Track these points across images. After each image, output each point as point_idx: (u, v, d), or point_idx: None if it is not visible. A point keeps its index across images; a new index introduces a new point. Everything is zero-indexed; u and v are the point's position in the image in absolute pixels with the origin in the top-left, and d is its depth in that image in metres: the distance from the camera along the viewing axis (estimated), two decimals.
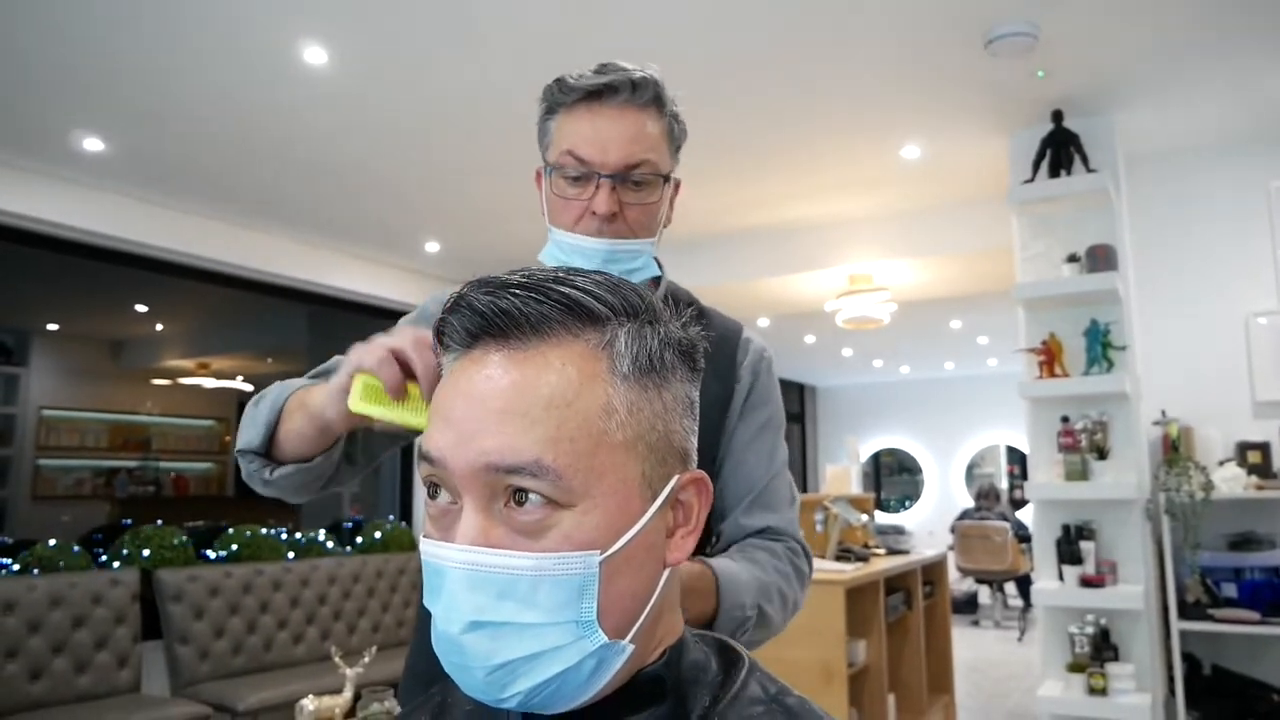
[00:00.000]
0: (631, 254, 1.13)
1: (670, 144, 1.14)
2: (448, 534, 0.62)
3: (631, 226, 1.11)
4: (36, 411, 7.84)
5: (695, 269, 5.56)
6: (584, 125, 1.09)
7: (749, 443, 1.19)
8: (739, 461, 1.18)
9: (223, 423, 9.49)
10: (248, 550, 4.79)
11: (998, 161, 4.15)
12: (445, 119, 3.76)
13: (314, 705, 2.54)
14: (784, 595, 1.11)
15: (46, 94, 3.45)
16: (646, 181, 1.10)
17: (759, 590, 1.06)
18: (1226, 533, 3.65)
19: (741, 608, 1.03)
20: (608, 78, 1.09)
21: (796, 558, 1.17)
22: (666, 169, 1.13)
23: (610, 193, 1.08)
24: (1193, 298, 4.03)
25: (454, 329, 0.64)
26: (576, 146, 1.09)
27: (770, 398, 1.22)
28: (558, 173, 1.11)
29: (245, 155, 4.09)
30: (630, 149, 1.08)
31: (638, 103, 1.10)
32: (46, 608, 3.71)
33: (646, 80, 1.10)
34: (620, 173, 1.08)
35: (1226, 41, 3.20)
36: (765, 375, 1.22)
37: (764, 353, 1.23)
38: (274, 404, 1.08)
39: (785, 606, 1.11)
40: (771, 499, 1.19)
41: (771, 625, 1.09)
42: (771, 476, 1.19)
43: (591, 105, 1.10)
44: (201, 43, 3.09)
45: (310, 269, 5.41)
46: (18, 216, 4.12)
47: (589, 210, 1.09)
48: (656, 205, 1.13)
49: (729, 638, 0.96)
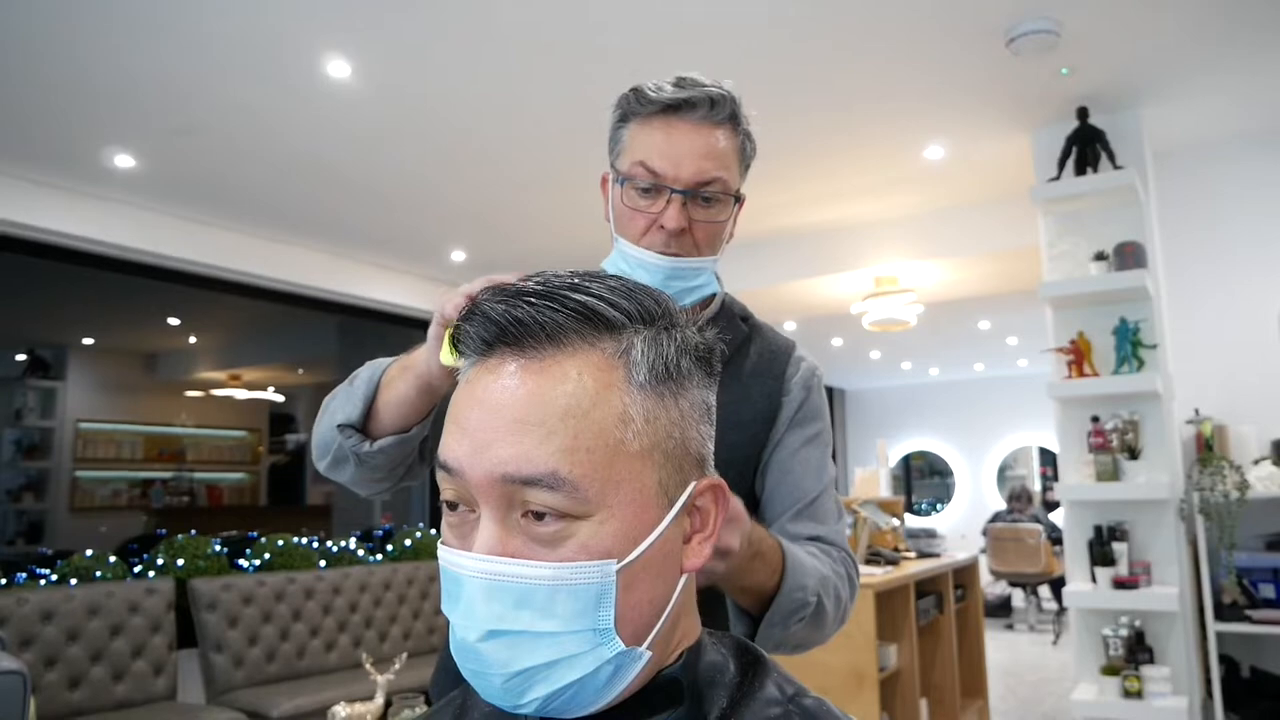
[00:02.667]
0: (694, 271, 1.13)
1: (741, 162, 1.13)
2: (465, 542, 0.62)
3: (698, 243, 1.11)
4: (74, 424, 7.97)
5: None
6: (659, 137, 1.08)
7: (796, 452, 1.16)
8: (786, 470, 1.16)
9: (255, 433, 9.60)
10: (280, 559, 4.84)
11: (1022, 160, 4.12)
12: (468, 128, 3.79)
13: (346, 712, 2.56)
14: (839, 597, 1.08)
15: (77, 112, 3.52)
16: (716, 199, 1.10)
17: (821, 581, 1.03)
18: (1263, 533, 3.58)
19: (804, 590, 0.99)
20: (686, 93, 1.08)
21: (849, 568, 1.14)
22: (736, 187, 1.12)
23: (680, 208, 1.08)
24: (1224, 294, 3.96)
25: (470, 337, 0.64)
26: (650, 158, 1.08)
27: (820, 414, 1.20)
28: (629, 183, 1.10)
29: (272, 169, 4.15)
30: (703, 165, 1.07)
31: (714, 119, 1.09)
32: (84, 617, 3.77)
33: (724, 97, 1.09)
34: (692, 189, 1.08)
35: (1252, 34, 3.16)
36: (816, 393, 1.20)
37: (815, 371, 1.22)
38: (370, 379, 1.10)
39: (838, 610, 1.08)
40: (819, 512, 1.16)
41: (824, 624, 1.05)
42: (820, 491, 1.16)
43: (668, 118, 1.09)
44: (226, 59, 3.14)
45: (339, 280, 5.47)
46: (51, 233, 4.20)
47: (657, 224, 1.09)
48: (724, 224, 1.13)
49: (783, 621, 0.95)
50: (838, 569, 1.10)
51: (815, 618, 1.02)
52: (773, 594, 0.97)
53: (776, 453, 1.16)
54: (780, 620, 0.98)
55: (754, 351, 1.19)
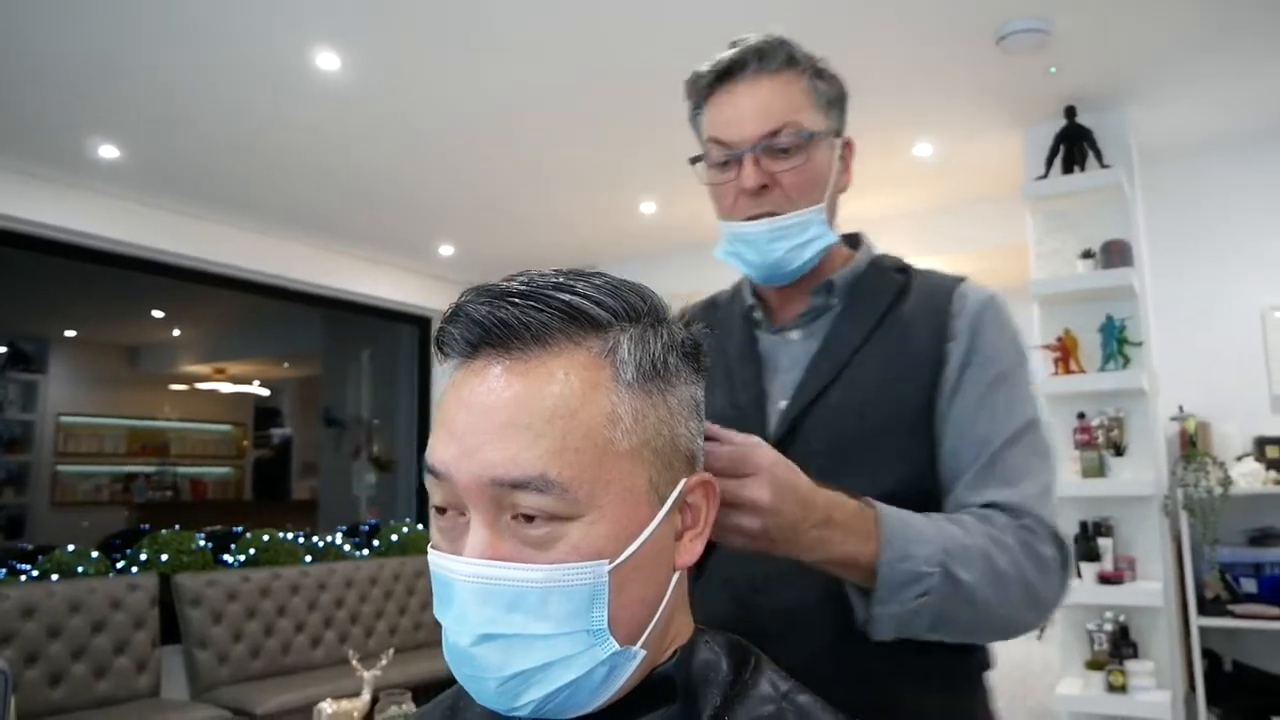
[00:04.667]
0: (798, 227, 1.05)
1: (817, 100, 1.07)
2: (455, 546, 0.61)
3: (789, 194, 1.05)
4: (55, 418, 7.91)
5: (709, 271, 5.55)
6: (723, 108, 1.06)
7: (977, 403, 1.00)
8: (968, 423, 0.99)
9: (239, 427, 9.55)
10: (265, 554, 4.81)
11: (1011, 158, 4.13)
12: (457, 122, 3.77)
13: (332, 709, 2.55)
14: (996, 568, 0.89)
15: (61, 103, 3.48)
16: (794, 145, 1.03)
17: (947, 549, 0.87)
18: (1246, 528, 3.61)
19: (911, 559, 0.85)
20: (731, 53, 1.06)
21: (1030, 534, 0.94)
22: (817, 127, 1.06)
23: (754, 165, 1.03)
24: (1209, 292, 3.99)
25: (454, 339, 0.63)
26: (717, 131, 1.06)
27: (999, 353, 1.02)
28: (708, 162, 1.08)
29: (259, 161, 4.12)
30: (765, 118, 1.03)
31: (770, 69, 1.05)
32: (66, 613, 3.73)
33: (771, 45, 1.06)
34: (759, 143, 1.03)
35: (1240, 35, 3.17)
36: (991, 328, 1.03)
37: (987, 303, 1.05)
38: None
39: (1002, 583, 0.89)
40: (1003, 469, 0.98)
41: (978, 601, 0.88)
42: (1004, 441, 0.98)
43: (726, 86, 1.06)
44: (214, 49, 3.10)
45: (325, 273, 5.44)
46: (34, 224, 4.16)
47: (739, 190, 1.05)
48: (812, 167, 1.06)
49: (893, 596, 0.85)
50: (998, 535, 0.92)
51: (954, 596, 0.86)
52: (871, 567, 0.86)
53: (954, 407, 1.00)
54: (890, 596, 0.85)
55: (912, 299, 1.09)
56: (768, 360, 1.11)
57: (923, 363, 1.02)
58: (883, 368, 1.03)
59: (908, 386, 1.01)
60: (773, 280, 1.11)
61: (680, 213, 4.96)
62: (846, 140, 1.13)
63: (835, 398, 1.02)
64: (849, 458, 0.99)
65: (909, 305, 1.08)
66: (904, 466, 1.00)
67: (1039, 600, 0.94)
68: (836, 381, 1.03)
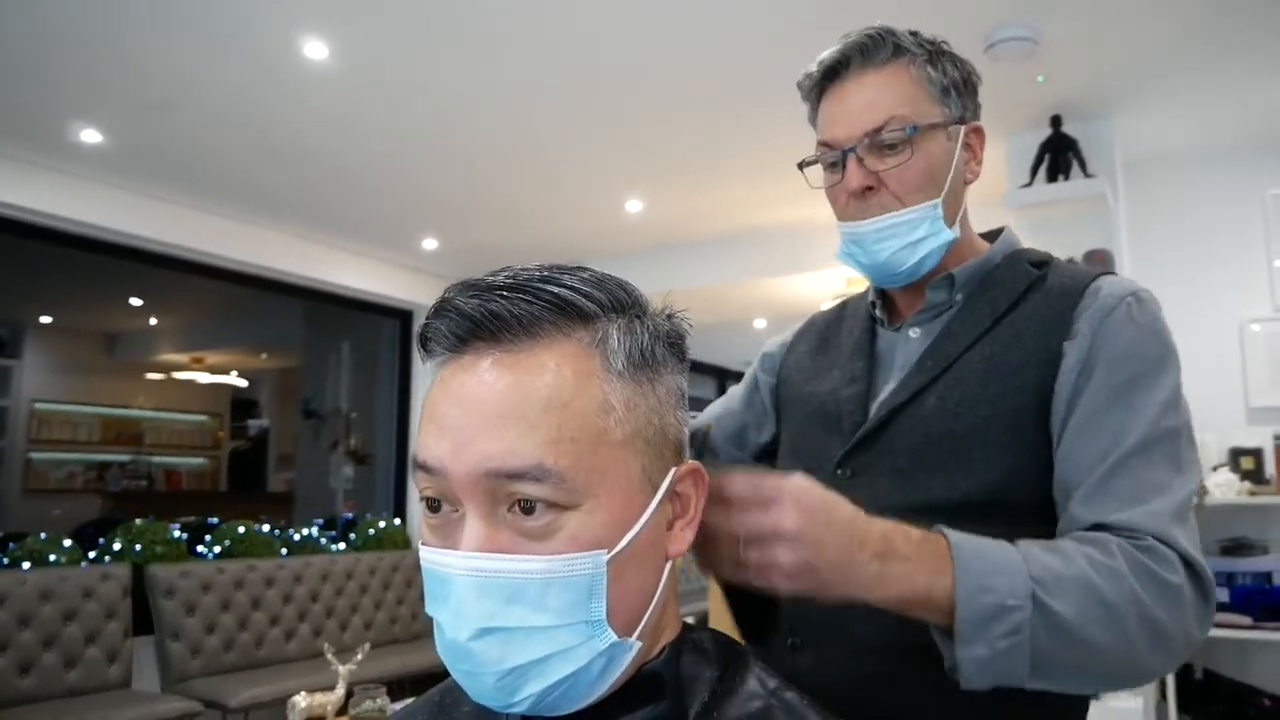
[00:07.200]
0: (906, 226, 1.00)
1: (931, 90, 1.01)
2: (449, 541, 0.61)
3: (896, 194, 0.99)
4: (29, 404, 7.82)
5: (691, 270, 5.56)
6: (830, 108, 1.03)
7: (1103, 409, 0.89)
8: (1089, 429, 0.89)
9: (216, 418, 9.47)
10: (241, 546, 4.78)
11: (995, 165, 4.15)
12: (444, 115, 3.75)
13: (306, 702, 2.54)
14: (1104, 600, 0.77)
15: (43, 85, 3.43)
16: (900, 141, 0.98)
17: (1037, 577, 0.76)
18: (1219, 538, 3.66)
19: (992, 591, 0.75)
20: (834, 51, 1.03)
21: (1150, 557, 0.80)
22: (929, 118, 1.00)
23: (858, 166, 0.99)
24: (1188, 304, 4.03)
25: (441, 334, 0.62)
26: (823, 132, 1.03)
27: (1133, 352, 0.91)
28: (821, 164, 1.05)
29: (243, 149, 4.08)
30: (868, 114, 0.99)
31: (876, 63, 1.01)
32: (37, 602, 3.69)
33: (875, 38, 1.01)
34: (860, 140, 0.99)
35: (1225, 48, 3.21)
36: (1125, 326, 0.92)
37: (1121, 300, 0.93)
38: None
39: (1113, 617, 0.77)
40: (1127, 483, 0.85)
41: (1083, 640, 0.76)
42: (1128, 451, 0.86)
43: (834, 86, 1.03)
44: (200, 35, 3.07)
45: (306, 264, 5.39)
46: (11, 207, 4.09)
47: (846, 193, 1.02)
48: (923, 162, 0.99)
49: (977, 634, 0.75)
50: (1102, 559, 0.79)
51: (1053, 631, 0.75)
52: (949, 601, 0.76)
53: (1073, 412, 0.90)
54: (973, 635, 0.75)
55: (1039, 294, 1.00)
56: (883, 357, 1.08)
57: (1030, 362, 0.94)
58: (988, 367, 0.96)
59: (1008, 386, 0.94)
60: (886, 281, 1.08)
61: (666, 211, 4.96)
62: (974, 126, 1.07)
63: (932, 397, 0.97)
64: (926, 461, 0.94)
65: (1033, 301, 0.99)
66: (989, 473, 0.92)
67: (1164, 637, 0.79)
68: (937, 381, 0.98)
